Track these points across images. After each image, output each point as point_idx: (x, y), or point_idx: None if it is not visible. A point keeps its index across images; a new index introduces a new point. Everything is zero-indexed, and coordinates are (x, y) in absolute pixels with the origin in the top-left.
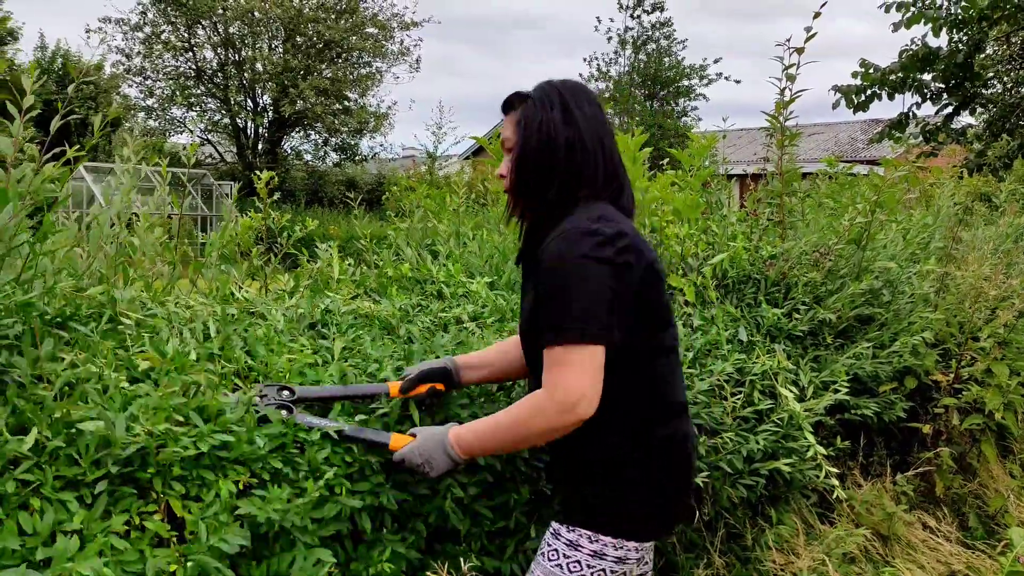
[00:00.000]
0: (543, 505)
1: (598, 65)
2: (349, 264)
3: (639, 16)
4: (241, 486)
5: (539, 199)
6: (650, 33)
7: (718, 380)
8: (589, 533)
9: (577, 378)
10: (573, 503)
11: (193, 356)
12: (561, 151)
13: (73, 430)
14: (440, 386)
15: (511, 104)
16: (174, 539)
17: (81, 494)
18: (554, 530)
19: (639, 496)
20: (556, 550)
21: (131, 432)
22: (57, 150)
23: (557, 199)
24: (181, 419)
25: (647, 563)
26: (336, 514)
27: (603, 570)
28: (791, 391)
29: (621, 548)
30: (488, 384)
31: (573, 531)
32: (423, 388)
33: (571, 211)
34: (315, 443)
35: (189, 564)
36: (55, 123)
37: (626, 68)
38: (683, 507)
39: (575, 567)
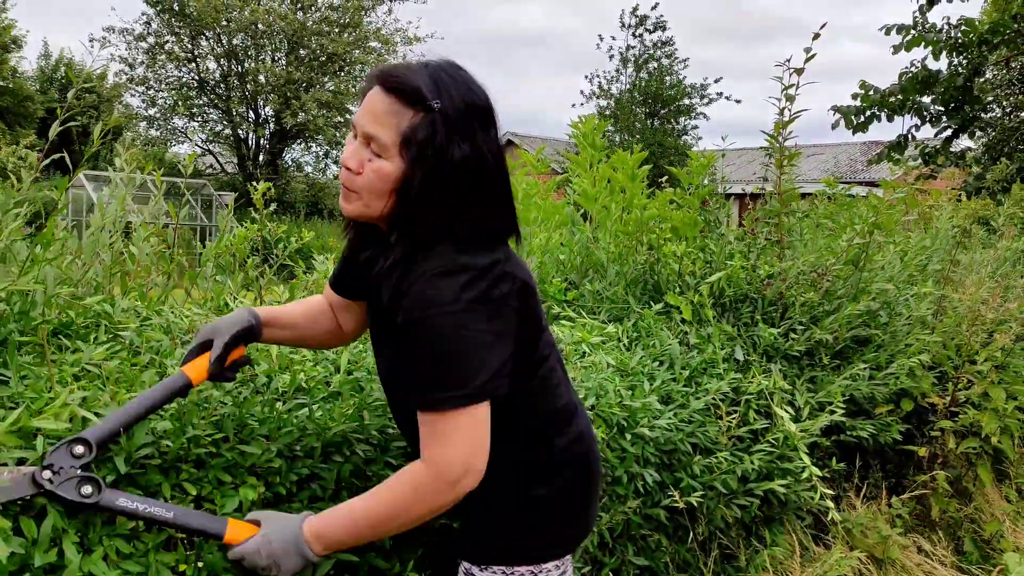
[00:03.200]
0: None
1: (599, 83)
2: None
3: (641, 35)
4: (256, 496)
5: (410, 228)
6: (651, 52)
7: (713, 399)
8: (503, 568)
9: (460, 450)
10: (482, 538)
11: None
12: (457, 189)
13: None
14: (244, 351)
15: (398, 90)
16: (185, 540)
17: None
18: (466, 570)
19: (552, 512)
20: None
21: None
22: (55, 156)
23: (427, 234)
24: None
25: (566, 572)
26: None
27: None
28: (787, 411)
29: (540, 571)
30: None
31: (485, 570)
32: (237, 354)
33: (440, 244)
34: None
35: (200, 564)
36: (53, 130)
37: (627, 86)
38: (596, 507)
39: None
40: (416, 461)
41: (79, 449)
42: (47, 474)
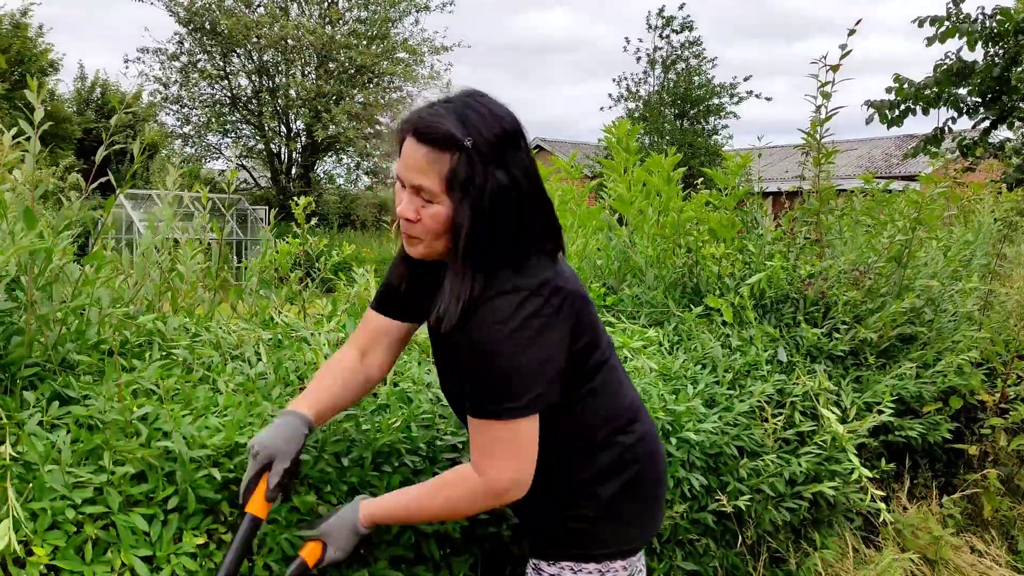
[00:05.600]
0: None
1: (627, 85)
2: None
3: (668, 36)
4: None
5: (467, 258)
6: (679, 52)
7: (758, 401)
8: (571, 564)
9: (508, 464)
10: (549, 536)
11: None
12: (506, 221)
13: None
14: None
15: (431, 139)
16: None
17: (153, 512)
18: (534, 565)
19: (619, 511)
20: None
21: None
22: (103, 179)
23: (485, 262)
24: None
25: (641, 570)
26: (400, 538)
27: None
28: (833, 412)
29: (608, 571)
30: None
31: (554, 564)
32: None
33: (497, 269)
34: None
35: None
36: (100, 153)
37: (655, 88)
38: (662, 506)
39: None
40: (468, 466)
41: None
42: None
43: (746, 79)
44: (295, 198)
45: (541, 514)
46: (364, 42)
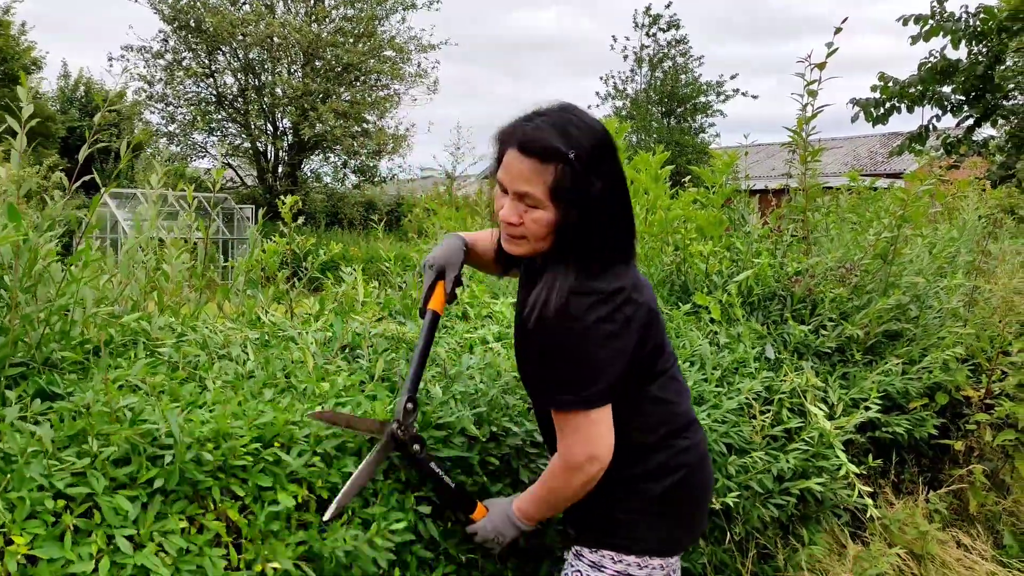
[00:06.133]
0: None
1: (614, 83)
2: (373, 287)
3: (655, 34)
4: (300, 500)
5: (563, 253)
6: (666, 51)
7: (746, 398)
8: (612, 554)
9: (580, 446)
10: (594, 524)
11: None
12: (602, 224)
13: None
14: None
15: (534, 152)
16: (230, 543)
17: (136, 494)
18: (576, 551)
19: (662, 511)
20: (579, 571)
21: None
22: (86, 178)
23: (577, 259)
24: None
25: (676, 571)
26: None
27: None
28: (821, 409)
29: (646, 567)
30: None
31: (596, 552)
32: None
33: (583, 271)
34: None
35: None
36: (84, 151)
37: (642, 86)
38: (705, 515)
39: None
40: (556, 454)
41: (410, 406)
42: (399, 430)
43: (733, 77)
44: (282, 197)
45: (592, 502)
46: (350, 40)
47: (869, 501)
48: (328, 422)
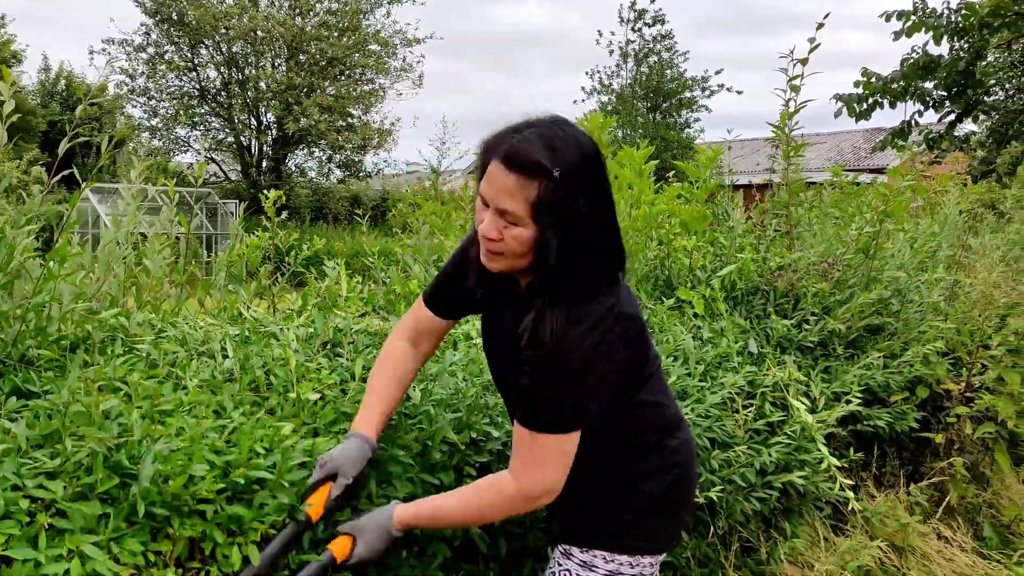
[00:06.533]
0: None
1: (600, 78)
2: (357, 282)
3: (640, 29)
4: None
5: (550, 279)
6: (651, 46)
7: (729, 393)
8: (604, 553)
9: (547, 474)
10: (587, 524)
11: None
12: (586, 244)
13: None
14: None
15: (521, 166)
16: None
17: (97, 510)
18: (564, 550)
19: (657, 510)
20: (568, 570)
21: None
22: (66, 172)
23: (565, 284)
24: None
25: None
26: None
27: None
28: (803, 403)
29: (637, 566)
30: None
31: (586, 552)
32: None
33: (573, 293)
34: None
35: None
36: (63, 145)
37: (628, 81)
38: (693, 510)
39: None
40: (504, 472)
41: None
42: None
43: (717, 72)
44: (265, 191)
45: (586, 501)
46: (335, 34)
47: (850, 494)
48: None
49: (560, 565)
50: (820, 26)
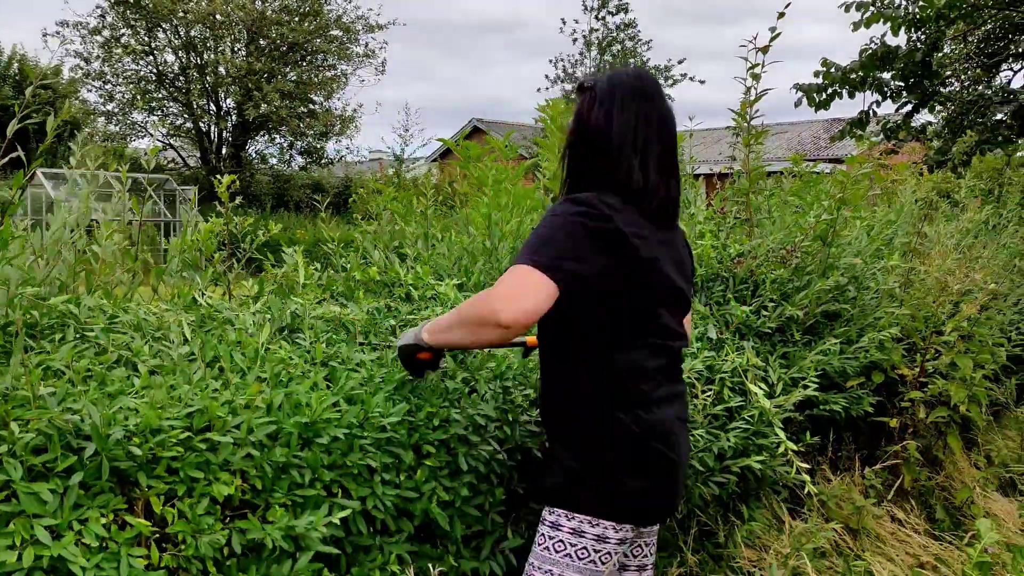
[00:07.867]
0: (519, 505)
1: (563, 67)
2: (315, 268)
3: (604, 18)
4: (234, 489)
5: (570, 181)
6: (615, 35)
7: (688, 378)
8: (566, 512)
9: (507, 288)
10: (553, 482)
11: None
12: (594, 151)
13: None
14: None
15: (576, 89)
16: (156, 537)
17: (53, 486)
18: (541, 516)
19: (612, 477)
20: (543, 534)
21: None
22: (13, 154)
23: (581, 187)
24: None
25: (646, 555)
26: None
27: (584, 548)
28: (761, 388)
29: (598, 525)
30: None
31: (553, 512)
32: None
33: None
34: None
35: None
36: (12, 127)
37: (592, 69)
38: (663, 499)
39: (559, 547)
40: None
41: None
42: None
43: (680, 62)
44: (219, 176)
45: (554, 457)
46: (296, 19)
47: (807, 478)
48: None
49: (537, 531)
50: (781, 15)
